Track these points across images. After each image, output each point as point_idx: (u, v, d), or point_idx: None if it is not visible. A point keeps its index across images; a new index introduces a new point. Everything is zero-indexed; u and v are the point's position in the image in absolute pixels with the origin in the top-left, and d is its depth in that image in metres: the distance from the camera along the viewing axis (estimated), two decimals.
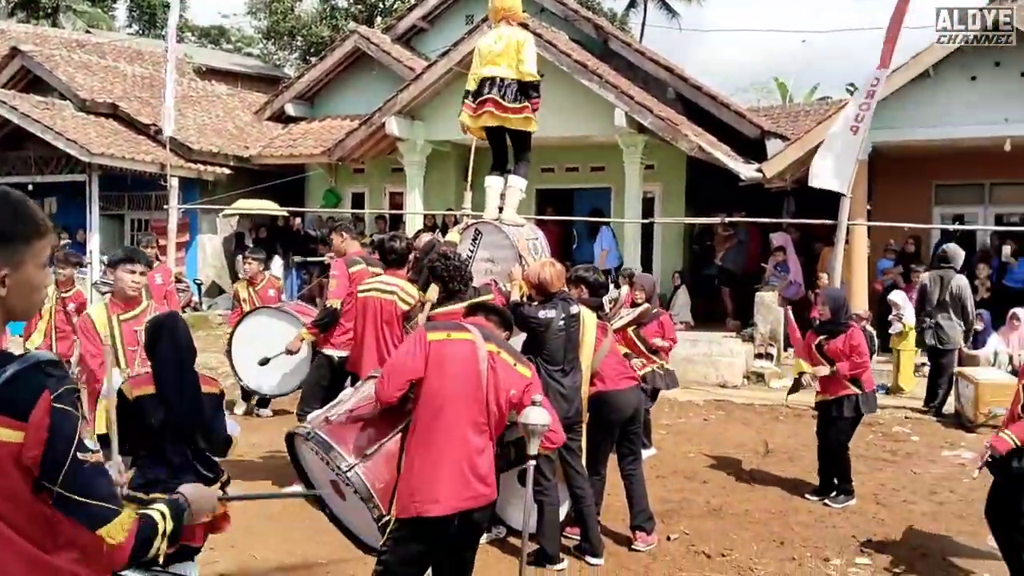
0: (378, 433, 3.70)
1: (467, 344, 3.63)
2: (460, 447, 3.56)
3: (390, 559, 3.55)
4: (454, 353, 3.61)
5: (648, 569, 5.53)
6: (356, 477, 3.55)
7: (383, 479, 3.59)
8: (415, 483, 3.52)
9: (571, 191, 16.24)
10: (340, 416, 3.77)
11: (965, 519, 6.54)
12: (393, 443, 3.72)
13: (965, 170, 13.35)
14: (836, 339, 6.93)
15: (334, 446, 3.61)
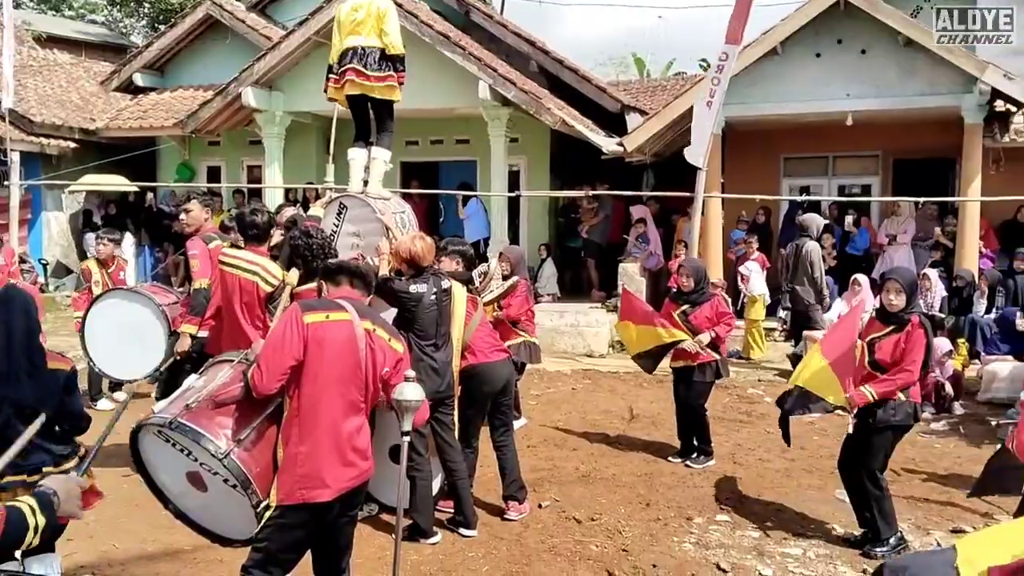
0: (247, 417, 3.58)
1: (345, 325, 3.55)
2: (343, 429, 3.50)
3: (271, 546, 3.45)
4: (333, 335, 3.53)
5: (520, 537, 5.61)
6: (232, 463, 3.43)
7: (260, 464, 3.49)
8: (301, 469, 3.44)
9: (436, 164, 16.16)
10: (202, 402, 3.62)
11: (814, 474, 6.93)
12: (265, 426, 3.61)
13: (811, 143, 14.03)
14: (701, 308, 7.18)
15: (204, 433, 3.47)
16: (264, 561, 3.44)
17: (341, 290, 3.81)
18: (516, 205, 14.87)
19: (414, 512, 5.39)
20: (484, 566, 5.16)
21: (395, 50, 6.38)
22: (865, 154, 14.26)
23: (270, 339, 3.55)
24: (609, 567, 5.14)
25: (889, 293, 5.38)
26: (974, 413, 8.89)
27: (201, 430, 3.49)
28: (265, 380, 3.43)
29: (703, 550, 5.45)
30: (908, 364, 5.26)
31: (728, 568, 5.15)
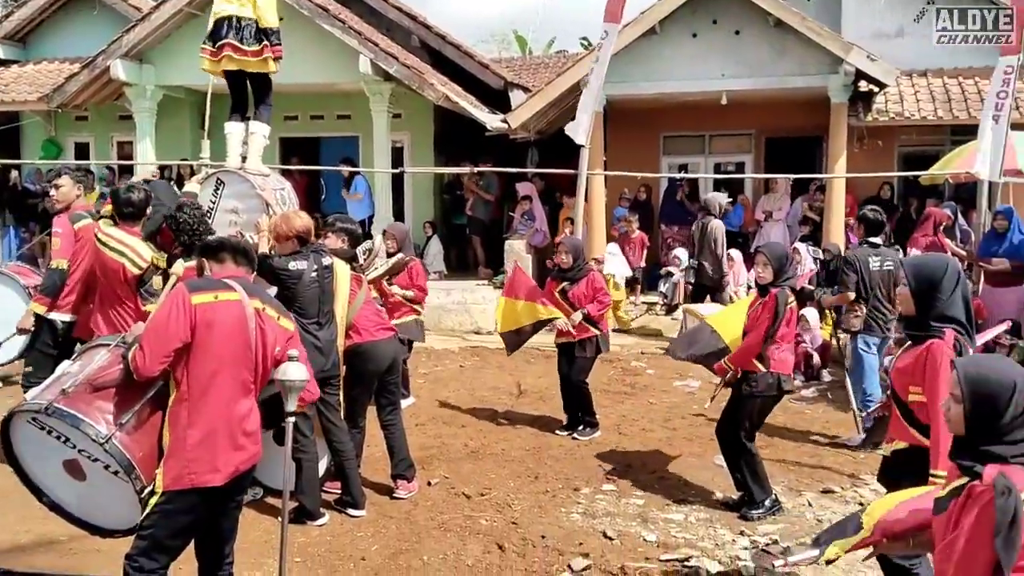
0: (127, 401, 3.44)
1: (235, 305, 3.43)
2: (233, 411, 3.41)
3: (158, 533, 3.32)
4: (223, 316, 3.41)
5: (410, 515, 5.61)
6: (114, 447, 3.28)
7: (143, 448, 3.35)
8: (191, 453, 3.33)
9: (317, 140, 15.82)
10: (79, 386, 3.45)
11: (695, 442, 7.17)
12: (147, 410, 3.47)
13: (689, 122, 14.39)
14: (578, 284, 7.30)
15: (83, 417, 3.31)
16: (150, 549, 3.32)
17: (225, 268, 3.67)
18: (400, 182, 14.72)
19: (300, 494, 5.31)
20: (373, 545, 5.14)
21: (268, 23, 6.23)
22: (739, 133, 14.73)
23: (154, 320, 3.38)
24: (499, 540, 5.19)
25: (758, 266, 5.67)
26: (841, 380, 9.33)
27: (80, 415, 3.33)
28: (148, 362, 3.30)
29: (590, 519, 5.57)
30: (753, 333, 5.54)
31: (614, 535, 5.28)
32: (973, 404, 2.48)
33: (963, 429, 2.52)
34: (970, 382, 2.49)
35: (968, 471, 2.45)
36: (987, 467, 2.39)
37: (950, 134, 13.33)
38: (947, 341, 3.61)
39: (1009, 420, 2.43)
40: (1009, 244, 8.90)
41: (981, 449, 2.45)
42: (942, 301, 3.67)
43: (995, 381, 2.47)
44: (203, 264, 3.79)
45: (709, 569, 4.82)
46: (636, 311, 12.73)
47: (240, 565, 3.73)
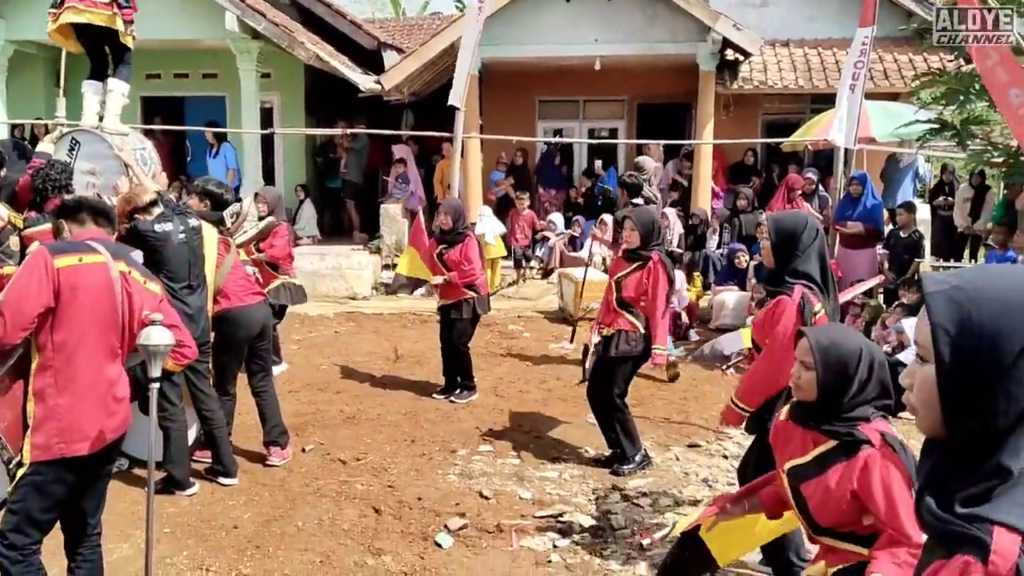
0: None
1: (100, 268, 3.26)
2: (102, 378, 3.26)
3: (30, 506, 3.15)
4: (88, 279, 3.23)
5: (284, 482, 5.53)
6: None
7: (5, 419, 3.16)
8: (60, 423, 3.18)
9: (181, 99, 15.16)
10: None
11: (569, 402, 7.32)
12: (7, 379, 3.28)
13: (563, 87, 14.51)
14: (454, 248, 7.30)
15: None
16: (21, 524, 3.15)
17: (87, 230, 3.47)
18: (270, 144, 14.30)
19: (168, 464, 5.16)
20: (246, 513, 5.05)
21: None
22: (613, 99, 14.97)
23: (14, 285, 3.16)
24: (375, 503, 5.19)
25: (626, 232, 5.79)
26: (707, 339, 9.71)
27: None
28: (9, 330, 3.10)
29: (467, 480, 5.63)
30: (654, 299, 5.65)
31: (490, 495, 5.35)
32: (825, 371, 2.65)
33: (815, 394, 2.69)
34: (822, 351, 2.67)
35: (842, 435, 2.63)
36: (863, 428, 2.61)
37: (810, 103, 13.93)
38: (794, 297, 3.81)
39: (859, 386, 2.62)
40: (863, 208, 9.41)
41: (845, 416, 2.63)
42: (798, 257, 3.86)
43: (845, 349, 2.65)
44: (60, 226, 3.57)
45: (582, 523, 4.96)
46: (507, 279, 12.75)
47: (107, 537, 3.61)
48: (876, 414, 2.63)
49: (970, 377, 1.26)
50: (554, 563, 4.51)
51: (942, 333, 1.28)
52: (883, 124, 10.68)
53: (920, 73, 9.64)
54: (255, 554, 4.53)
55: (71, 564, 3.46)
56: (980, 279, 1.30)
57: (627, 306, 5.75)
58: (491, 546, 4.71)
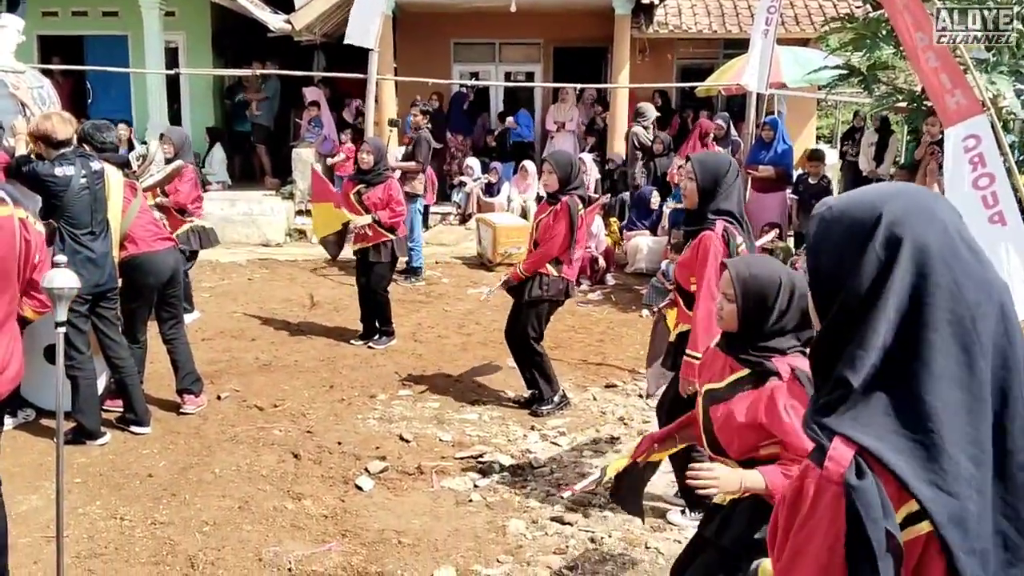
0: None
1: (7, 220, 3.08)
2: (14, 328, 3.12)
3: None
4: (7, 232, 3.06)
5: (199, 430, 5.45)
6: None
7: None
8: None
9: (80, 39, 14.43)
10: None
11: (488, 345, 7.37)
12: None
13: (479, 29, 14.32)
14: (375, 189, 7.19)
15: None
16: None
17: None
18: (176, 86, 13.78)
19: (78, 414, 5.02)
20: (161, 461, 4.96)
21: None
22: (529, 42, 14.85)
23: None
24: (294, 449, 5.16)
25: (543, 175, 5.80)
26: (623, 283, 9.87)
27: None
28: None
29: (387, 424, 5.63)
30: (547, 239, 5.68)
31: (411, 438, 5.37)
32: (745, 301, 2.69)
33: (736, 325, 2.73)
34: (742, 282, 2.70)
35: (754, 365, 2.68)
36: (775, 360, 2.65)
37: (723, 48, 14.09)
38: (717, 231, 3.89)
39: (778, 315, 2.67)
40: (774, 153, 9.62)
41: (761, 345, 2.68)
42: (720, 195, 3.94)
43: (764, 279, 2.68)
44: None
45: (502, 463, 5.02)
46: None
47: (15, 489, 3.52)
48: (794, 347, 2.68)
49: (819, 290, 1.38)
50: (475, 502, 4.57)
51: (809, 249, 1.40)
52: (794, 70, 10.88)
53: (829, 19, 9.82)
54: (171, 501, 4.46)
55: None
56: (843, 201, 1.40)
57: None
58: (412, 488, 4.74)
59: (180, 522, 4.25)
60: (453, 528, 4.28)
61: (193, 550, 3.99)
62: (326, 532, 4.22)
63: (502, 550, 4.07)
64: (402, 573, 3.88)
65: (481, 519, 4.38)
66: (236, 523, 4.26)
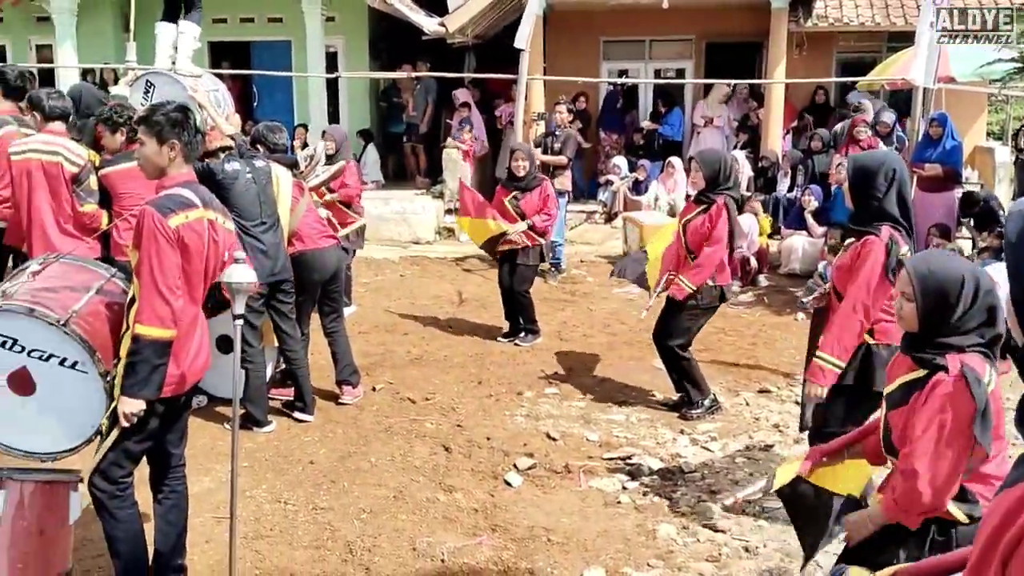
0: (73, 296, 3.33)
1: (199, 224, 3.29)
2: (196, 323, 3.35)
3: (126, 439, 3.25)
4: (193, 235, 3.26)
5: (356, 420, 5.65)
6: (74, 330, 3.17)
7: (96, 339, 3.24)
8: (186, 364, 3.32)
9: (247, 44, 15.23)
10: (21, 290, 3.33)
11: (634, 346, 7.30)
12: (93, 303, 3.37)
13: (629, 27, 14.18)
14: (531, 194, 7.25)
15: (33, 306, 3.19)
16: (119, 457, 3.27)
17: (183, 176, 3.42)
18: (335, 89, 14.34)
19: (247, 402, 5.30)
20: (321, 449, 5.18)
21: None
22: (680, 38, 14.59)
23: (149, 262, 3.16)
24: (444, 442, 5.27)
25: (692, 173, 5.68)
26: (776, 284, 9.57)
27: (30, 304, 3.21)
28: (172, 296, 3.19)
29: (533, 421, 5.67)
30: (712, 245, 5.55)
31: (557, 436, 5.39)
32: (925, 300, 2.56)
33: (916, 325, 2.61)
34: (921, 279, 2.57)
35: (928, 364, 2.57)
36: (948, 357, 2.53)
37: (887, 41, 13.42)
38: (881, 238, 3.71)
39: (961, 313, 2.53)
40: (942, 150, 9.09)
41: (937, 341, 2.55)
42: (878, 197, 3.76)
43: (945, 277, 2.54)
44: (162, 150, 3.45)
45: (651, 466, 4.97)
46: None
47: (188, 471, 3.72)
48: (976, 345, 2.53)
49: None
50: (623, 504, 4.54)
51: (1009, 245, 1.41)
52: (963, 63, 10.26)
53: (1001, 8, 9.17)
54: (331, 488, 4.65)
55: (158, 496, 3.58)
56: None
57: (692, 253, 5.67)
58: (560, 486, 4.76)
59: (339, 508, 4.43)
60: (602, 529, 4.27)
61: (352, 536, 4.14)
62: (477, 526, 4.29)
63: (652, 554, 4.04)
64: (551, 571, 3.90)
65: (630, 521, 4.35)
66: (391, 512, 4.40)
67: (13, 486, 2.86)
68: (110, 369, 3.22)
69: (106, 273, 3.71)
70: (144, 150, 3.36)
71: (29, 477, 2.94)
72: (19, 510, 2.87)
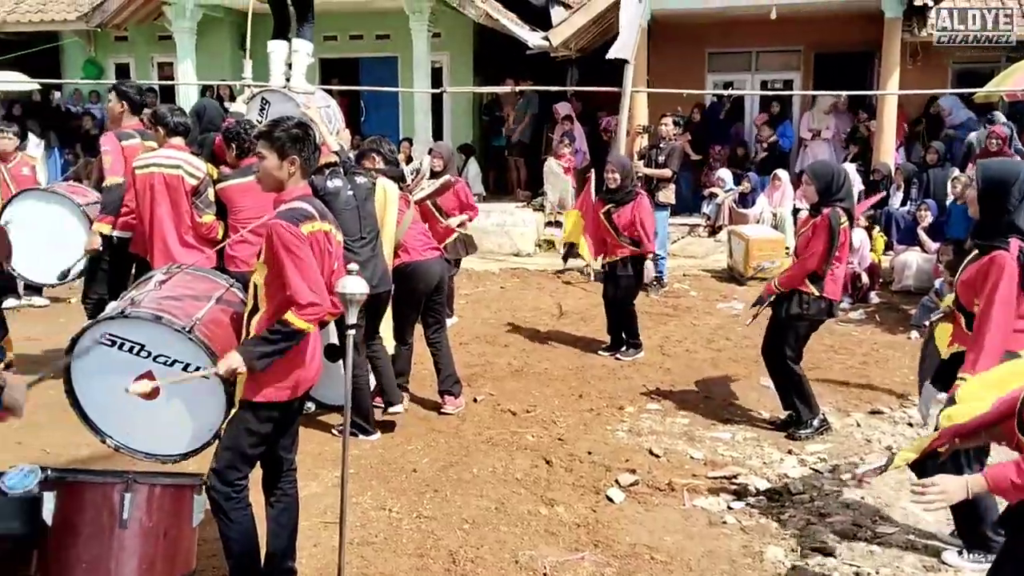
0: (196, 304, 3.49)
1: (320, 235, 3.41)
2: (316, 329, 3.46)
3: (242, 442, 3.36)
4: (319, 244, 3.40)
5: (458, 430, 5.70)
6: (198, 337, 3.32)
7: (217, 343, 3.39)
8: (301, 370, 3.43)
9: (356, 61, 15.64)
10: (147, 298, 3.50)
11: (740, 363, 7.16)
12: (215, 311, 3.52)
13: (735, 38, 13.98)
14: (624, 208, 7.21)
15: (160, 313, 3.36)
16: (235, 459, 3.37)
17: (301, 189, 3.53)
18: (439, 104, 14.57)
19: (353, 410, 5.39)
20: (424, 458, 5.24)
21: None
22: (788, 49, 14.31)
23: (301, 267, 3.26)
24: (546, 455, 5.26)
25: (803, 186, 5.56)
26: (888, 302, 9.25)
27: (157, 311, 3.38)
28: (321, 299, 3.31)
29: (636, 437, 5.61)
30: (806, 254, 5.42)
31: (660, 453, 5.32)
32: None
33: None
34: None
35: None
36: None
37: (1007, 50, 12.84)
38: (1011, 251, 3.54)
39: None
40: None
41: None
42: (1009, 209, 3.58)
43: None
44: None
45: (757, 486, 4.85)
46: None
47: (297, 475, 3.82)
48: None
49: None
50: (729, 524, 4.45)
51: None
52: None
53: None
54: (434, 497, 4.70)
55: (270, 499, 3.68)
56: None
57: None
58: (663, 504, 4.69)
59: (442, 518, 4.47)
60: (707, 549, 4.19)
61: (454, 546, 4.17)
62: (578, 540, 4.27)
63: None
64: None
65: (736, 542, 4.25)
66: (493, 523, 4.41)
67: (140, 489, 2.96)
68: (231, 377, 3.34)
69: (225, 283, 3.87)
70: (265, 164, 3.46)
71: (155, 481, 3.05)
72: (145, 513, 2.97)
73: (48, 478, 2.84)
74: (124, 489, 2.93)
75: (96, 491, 2.93)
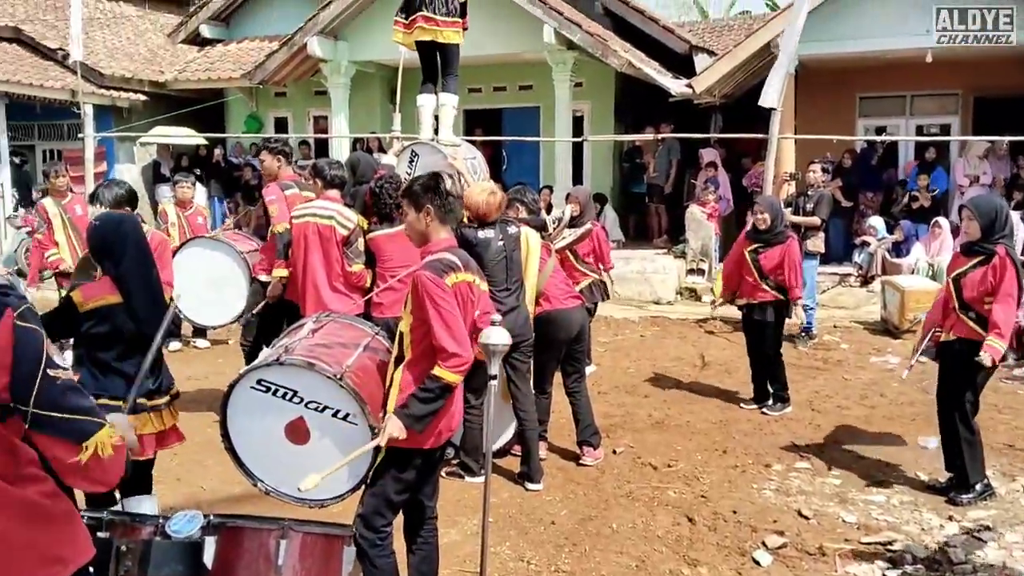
0: (345, 352, 3.62)
1: (464, 286, 3.52)
2: None
3: (388, 489, 3.45)
4: (462, 295, 3.51)
5: (597, 482, 5.62)
6: (349, 384, 3.44)
7: (365, 391, 3.49)
8: (445, 419, 3.50)
9: (499, 111, 16.00)
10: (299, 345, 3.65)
11: (895, 421, 6.79)
12: (363, 359, 3.63)
13: (888, 82, 13.52)
14: (772, 249, 7.02)
15: (314, 361, 3.50)
16: (380, 506, 3.44)
17: (448, 242, 3.64)
18: (580, 151, 14.68)
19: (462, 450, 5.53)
20: (562, 510, 5.19)
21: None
22: (945, 92, 13.71)
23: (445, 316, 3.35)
24: (688, 512, 5.12)
25: (964, 222, 5.25)
26: None
27: (311, 359, 3.51)
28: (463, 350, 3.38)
29: (784, 497, 5.39)
30: (1003, 298, 5.04)
31: (810, 514, 5.08)
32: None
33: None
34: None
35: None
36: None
37: None
38: None
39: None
40: None
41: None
42: None
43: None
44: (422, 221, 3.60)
45: (915, 553, 4.56)
46: None
47: None
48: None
49: None
50: None
51: None
52: None
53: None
54: (572, 551, 4.63)
55: (411, 546, 3.73)
56: None
57: (969, 308, 5.20)
58: (813, 569, 4.47)
59: (581, 573, 4.40)
60: None
61: None
62: None
63: None
64: None
65: None
66: None
67: (294, 536, 3.04)
68: (376, 424, 3.42)
69: (371, 331, 3.99)
70: (408, 219, 3.65)
71: (308, 529, 3.11)
72: (298, 560, 3.04)
73: (210, 523, 2.94)
74: (280, 536, 3.01)
75: (254, 537, 3.02)
